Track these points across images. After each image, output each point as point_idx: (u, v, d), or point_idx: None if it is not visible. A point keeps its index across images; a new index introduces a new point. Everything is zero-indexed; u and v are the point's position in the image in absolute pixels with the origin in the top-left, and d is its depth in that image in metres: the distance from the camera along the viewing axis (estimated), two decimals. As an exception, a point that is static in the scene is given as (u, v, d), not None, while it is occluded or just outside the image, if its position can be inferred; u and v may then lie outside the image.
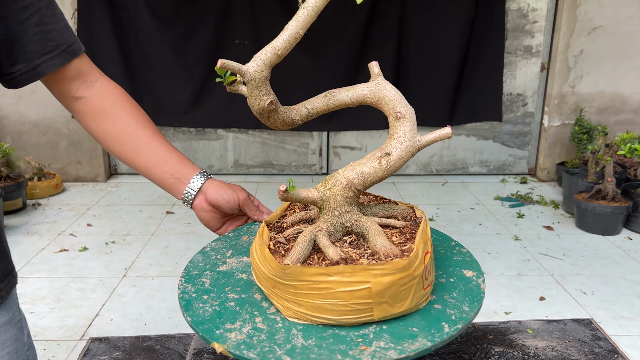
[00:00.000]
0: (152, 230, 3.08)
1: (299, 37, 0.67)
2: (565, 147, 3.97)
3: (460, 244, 0.89)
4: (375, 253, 0.71)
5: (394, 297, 0.67)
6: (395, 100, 0.76)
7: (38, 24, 0.77)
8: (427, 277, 0.71)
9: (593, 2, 3.65)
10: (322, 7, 0.66)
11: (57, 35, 0.80)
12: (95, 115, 0.88)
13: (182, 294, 0.77)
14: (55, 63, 0.80)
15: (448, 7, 3.68)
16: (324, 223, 0.76)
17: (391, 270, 0.65)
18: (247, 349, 0.65)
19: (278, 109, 0.73)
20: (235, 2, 3.60)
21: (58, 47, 0.80)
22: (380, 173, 0.75)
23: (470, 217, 3.32)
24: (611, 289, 2.46)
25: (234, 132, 3.99)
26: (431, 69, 3.81)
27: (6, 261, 0.88)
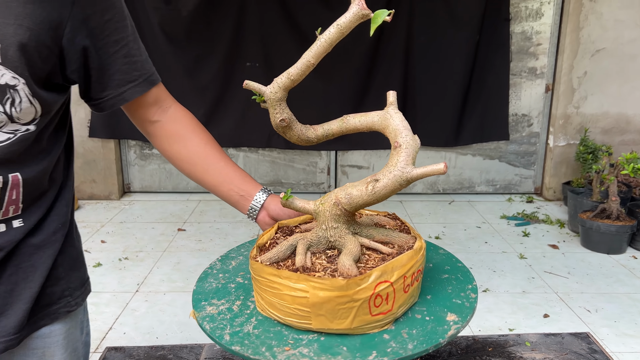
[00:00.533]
0: (164, 246, 3.16)
1: (312, 66, 0.75)
2: (571, 167, 4.02)
3: (470, 278, 0.88)
4: (338, 270, 0.75)
5: (331, 313, 0.72)
6: (397, 130, 0.79)
7: (126, 55, 0.87)
8: (378, 305, 0.72)
9: (596, 25, 3.73)
10: (335, 41, 0.74)
11: (140, 66, 0.90)
12: (168, 138, 0.97)
13: (208, 269, 0.93)
14: (139, 90, 0.90)
15: (453, 30, 3.78)
16: (311, 234, 0.83)
17: (328, 287, 0.71)
18: (208, 321, 0.80)
19: (292, 126, 0.82)
20: (246, 28, 3.72)
21: (141, 76, 0.90)
22: (366, 197, 0.78)
23: (476, 236, 3.36)
24: (615, 306, 2.49)
25: (245, 151, 4.09)
26: (437, 90, 3.89)
27: (83, 270, 0.98)
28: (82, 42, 0.81)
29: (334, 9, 3.70)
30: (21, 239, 0.84)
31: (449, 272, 0.91)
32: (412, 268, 0.76)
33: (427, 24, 3.76)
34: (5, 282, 0.83)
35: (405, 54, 3.82)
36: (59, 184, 0.90)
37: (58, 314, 0.91)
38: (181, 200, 4.01)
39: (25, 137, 0.79)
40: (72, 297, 0.93)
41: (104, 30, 0.83)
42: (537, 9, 3.84)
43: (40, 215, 0.86)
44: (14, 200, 0.81)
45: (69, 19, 0.78)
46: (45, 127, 0.83)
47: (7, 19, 0.73)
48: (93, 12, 0.81)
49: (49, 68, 0.79)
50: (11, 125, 0.77)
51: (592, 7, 3.71)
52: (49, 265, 0.87)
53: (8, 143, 0.78)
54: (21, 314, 0.85)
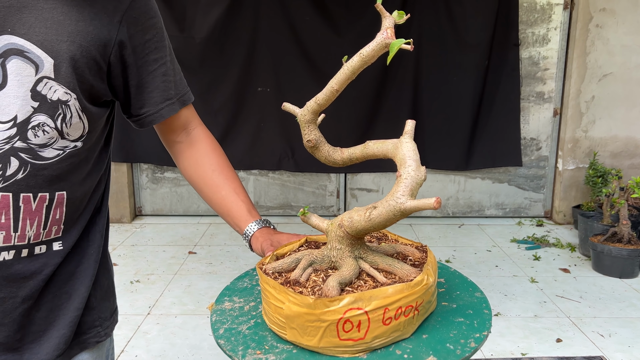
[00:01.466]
0: (175, 269, 3.18)
1: (336, 92, 0.80)
2: (581, 191, 4.02)
3: (485, 326, 0.84)
4: (322, 289, 0.79)
5: (302, 328, 0.75)
6: (403, 160, 0.79)
7: (164, 74, 0.91)
8: (348, 331, 0.73)
9: (602, 50, 3.78)
10: (358, 69, 0.77)
11: (176, 85, 0.94)
12: (185, 160, 1.02)
13: (250, 269, 1.02)
14: (175, 108, 0.95)
15: (462, 56, 3.83)
16: (318, 251, 0.87)
17: (299, 303, 0.74)
18: (217, 314, 0.88)
19: (319, 147, 0.87)
20: (257, 54, 3.80)
21: (177, 95, 0.95)
22: (364, 223, 0.80)
23: (486, 259, 3.35)
24: (629, 331, 2.47)
25: (255, 174, 4.13)
26: (447, 114, 3.93)
27: (113, 300, 1.01)
28: (126, 59, 0.86)
29: (342, 36, 3.78)
30: (59, 264, 0.86)
31: (468, 317, 0.86)
32: (400, 302, 0.75)
33: (436, 48, 3.82)
34: (42, 309, 0.86)
35: (414, 78, 3.87)
36: (96, 209, 0.93)
37: (87, 343, 0.93)
38: (192, 223, 4.04)
39: (73, 153, 0.83)
40: (102, 327, 0.95)
41: (144, 49, 0.88)
42: (544, 35, 3.89)
43: (76, 240, 0.89)
44: (57, 220, 0.84)
45: (116, 37, 0.83)
46: (91, 146, 0.87)
47: (61, 36, 0.77)
48: (136, 31, 0.86)
49: (97, 83, 0.83)
50: (61, 142, 0.81)
51: (598, 33, 3.75)
52: (83, 294, 0.90)
53: (58, 159, 0.81)
54: (55, 341, 0.87)
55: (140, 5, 0.86)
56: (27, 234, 0.81)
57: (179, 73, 0.96)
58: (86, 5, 0.80)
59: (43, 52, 0.76)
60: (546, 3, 3.85)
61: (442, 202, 0.73)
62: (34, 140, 0.78)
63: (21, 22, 0.75)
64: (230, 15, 3.71)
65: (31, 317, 0.85)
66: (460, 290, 0.96)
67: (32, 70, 0.76)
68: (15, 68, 0.75)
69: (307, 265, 0.85)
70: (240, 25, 3.74)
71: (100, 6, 0.82)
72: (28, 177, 0.79)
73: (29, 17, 0.76)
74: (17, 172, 0.78)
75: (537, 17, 3.87)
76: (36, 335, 0.86)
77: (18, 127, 0.77)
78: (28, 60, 0.76)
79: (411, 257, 0.91)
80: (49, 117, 0.78)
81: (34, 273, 0.84)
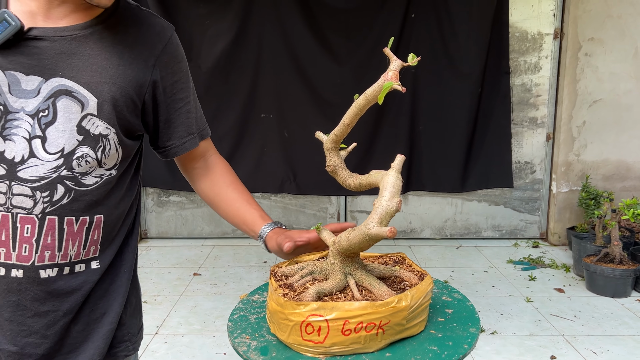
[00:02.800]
0: (180, 290, 3.27)
1: (347, 125, 0.94)
2: (575, 213, 4.13)
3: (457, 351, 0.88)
4: None
5: (277, 323, 0.89)
6: (380, 191, 0.88)
7: (188, 111, 1.04)
8: (309, 333, 0.83)
9: (592, 77, 3.94)
10: (364, 107, 0.89)
11: (197, 121, 1.07)
12: (202, 182, 1.13)
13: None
14: (196, 142, 1.07)
15: (456, 83, 3.99)
16: (319, 263, 0.99)
17: (276, 302, 0.88)
18: (243, 303, 1.04)
19: (337, 172, 1.00)
20: (261, 82, 3.96)
21: (198, 129, 1.07)
22: (345, 244, 0.91)
23: (483, 280, 3.45)
24: (621, 349, 2.55)
25: (257, 197, 4.24)
26: (442, 139, 4.07)
27: (140, 317, 1.11)
28: (157, 98, 0.99)
29: (342, 65, 3.94)
30: (97, 282, 0.97)
31: (442, 347, 0.90)
32: (361, 317, 0.83)
33: (431, 76, 3.97)
34: (80, 322, 0.96)
35: (411, 105, 4.02)
36: (128, 231, 1.04)
37: (117, 357, 1.03)
38: (196, 245, 4.14)
39: (108, 180, 0.94)
40: (130, 342, 1.05)
41: (173, 89, 1.00)
42: (536, 63, 4.06)
43: (111, 260, 1.00)
44: (95, 241, 0.95)
45: (150, 78, 0.96)
46: (123, 173, 0.98)
47: (104, 78, 0.90)
48: (167, 73, 0.99)
49: (133, 119, 0.95)
50: (98, 170, 0.92)
51: (587, 61, 3.92)
52: (116, 309, 1.00)
53: (96, 186, 0.93)
54: (90, 352, 0.97)
55: (170, 51, 0.99)
56: (69, 253, 0.92)
57: (199, 110, 1.09)
58: (125, 51, 0.93)
59: (88, 93, 0.88)
60: (537, 33, 4.02)
61: (396, 232, 0.83)
62: (77, 169, 0.89)
63: (70, 66, 0.88)
64: (235, 46, 3.88)
65: (70, 331, 0.95)
66: (458, 323, 0.99)
67: (79, 108, 0.88)
68: (64, 106, 0.87)
69: (307, 274, 0.96)
70: (245, 55, 3.91)
71: (137, 52, 0.94)
72: (72, 202, 0.90)
73: (77, 62, 0.88)
74: (62, 197, 0.89)
75: (529, 46, 4.04)
76: (73, 347, 0.96)
77: (65, 158, 0.88)
78: (75, 99, 0.88)
79: (407, 282, 0.99)
80: (91, 149, 0.90)
81: (74, 289, 0.94)
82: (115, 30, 0.93)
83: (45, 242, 0.89)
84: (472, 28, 3.92)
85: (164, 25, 1.00)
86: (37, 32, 0.86)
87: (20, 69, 0.86)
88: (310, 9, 3.88)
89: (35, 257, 0.89)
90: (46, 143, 0.87)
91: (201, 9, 3.84)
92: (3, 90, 0.85)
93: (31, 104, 0.86)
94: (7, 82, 0.85)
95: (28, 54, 0.86)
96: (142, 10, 0.99)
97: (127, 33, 0.94)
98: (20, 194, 0.87)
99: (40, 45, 0.86)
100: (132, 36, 0.94)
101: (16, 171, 0.87)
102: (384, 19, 3.90)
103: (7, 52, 0.85)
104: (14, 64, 0.85)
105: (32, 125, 0.86)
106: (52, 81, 0.87)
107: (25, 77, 0.86)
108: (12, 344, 0.91)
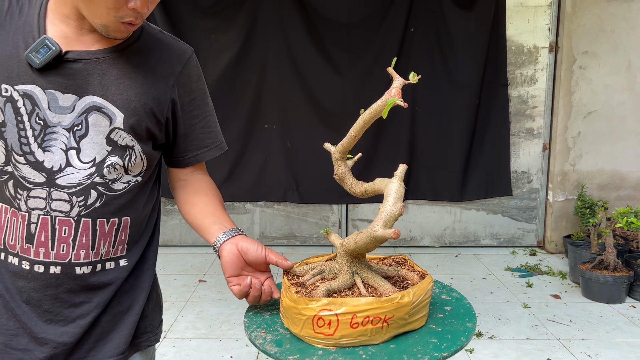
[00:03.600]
0: (187, 297, 3.35)
1: (354, 137, 1.03)
2: (571, 221, 4.22)
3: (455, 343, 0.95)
4: None
5: (290, 317, 0.97)
6: (385, 197, 0.96)
7: (203, 126, 1.13)
8: (321, 326, 0.91)
9: (586, 89, 4.05)
10: (369, 120, 0.99)
11: (213, 135, 1.15)
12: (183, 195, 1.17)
13: None
14: (209, 155, 1.15)
15: (455, 95, 4.11)
16: (328, 263, 1.08)
17: (289, 298, 0.97)
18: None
19: (345, 180, 1.10)
20: (265, 94, 4.08)
21: (212, 144, 1.16)
22: (352, 245, 1.00)
23: (482, 287, 3.54)
24: (615, 352, 2.64)
25: (261, 206, 4.34)
26: (441, 150, 4.18)
27: (160, 312, 1.21)
28: (176, 113, 1.09)
29: (344, 76, 4.05)
30: (125, 278, 1.07)
31: (441, 340, 0.97)
32: (368, 312, 0.91)
33: (431, 89, 4.09)
34: (108, 314, 1.06)
35: (411, 116, 4.13)
36: (151, 232, 1.14)
37: (140, 346, 1.13)
38: (200, 253, 4.23)
39: (135, 186, 1.05)
40: (152, 333, 1.15)
41: (190, 106, 1.10)
42: (532, 75, 4.18)
43: (137, 258, 1.10)
44: (122, 240, 1.05)
45: (170, 96, 1.06)
46: (147, 180, 1.08)
47: (130, 96, 1.00)
48: (184, 92, 1.09)
49: (156, 132, 1.05)
50: (126, 177, 1.02)
51: (582, 74, 4.03)
52: (140, 303, 1.10)
53: (124, 191, 1.03)
54: (116, 342, 1.06)
55: (188, 72, 1.09)
56: (101, 252, 1.02)
57: (217, 125, 1.17)
58: (149, 72, 1.03)
59: (116, 109, 0.99)
60: (533, 46, 4.14)
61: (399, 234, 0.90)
62: (108, 176, 1.00)
63: (100, 85, 0.98)
64: (239, 58, 4.00)
65: (99, 321, 1.05)
66: (456, 319, 1.06)
67: (107, 122, 0.98)
68: (95, 121, 0.97)
69: (317, 274, 1.06)
70: (249, 67, 4.02)
71: (159, 73, 1.05)
72: (103, 206, 1.00)
73: (106, 81, 0.98)
74: (95, 201, 0.99)
75: (525, 59, 4.16)
76: (101, 336, 1.06)
77: (96, 166, 0.98)
78: (104, 114, 0.98)
79: (409, 280, 1.08)
80: (119, 157, 1.00)
81: (106, 284, 1.04)
82: (140, 54, 1.03)
83: (80, 242, 0.99)
84: (470, 42, 4.04)
85: (183, 48, 1.10)
86: (73, 55, 0.96)
87: (58, 88, 0.96)
88: (312, 23, 4.01)
89: (72, 255, 0.99)
90: (80, 153, 0.97)
91: (207, 23, 3.97)
92: (43, 107, 0.95)
93: (67, 119, 0.96)
94: (47, 100, 0.95)
95: (65, 75, 0.96)
96: (164, 35, 1.10)
97: (150, 56, 1.04)
98: (58, 199, 0.97)
99: (75, 67, 0.96)
100: (155, 58, 1.05)
101: (55, 179, 0.97)
102: (384, 33, 4.02)
103: (46, 73, 0.95)
104: (53, 84, 0.95)
105: (68, 137, 0.97)
106: (85, 99, 0.97)
107: (62, 95, 0.96)
108: (50, 332, 1.01)
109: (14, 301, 1.01)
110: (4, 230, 1.00)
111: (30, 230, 0.98)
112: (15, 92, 0.95)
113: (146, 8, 0.93)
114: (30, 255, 0.99)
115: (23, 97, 0.95)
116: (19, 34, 0.96)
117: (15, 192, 0.98)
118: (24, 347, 1.01)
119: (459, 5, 4.01)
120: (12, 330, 1.01)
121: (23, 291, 1.00)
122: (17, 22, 0.97)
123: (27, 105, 0.95)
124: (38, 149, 0.96)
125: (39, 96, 0.95)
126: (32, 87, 0.95)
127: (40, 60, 0.93)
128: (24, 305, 1.00)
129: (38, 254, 0.98)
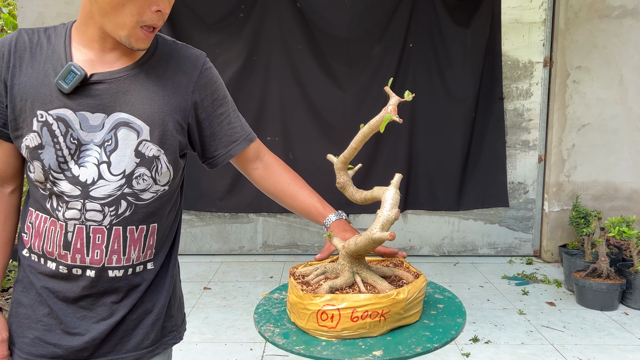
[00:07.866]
0: (192, 303, 3.45)
1: (354, 149, 1.14)
2: (566, 231, 4.33)
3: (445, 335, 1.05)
4: None
5: (296, 312, 1.08)
6: (382, 203, 1.06)
7: (229, 122, 1.20)
8: (324, 320, 1.01)
9: (580, 103, 4.17)
10: (368, 134, 1.09)
11: (239, 129, 1.22)
12: (264, 181, 1.28)
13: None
14: (241, 147, 1.22)
15: (452, 108, 4.23)
16: (331, 264, 1.18)
17: (295, 294, 1.08)
18: (265, 300, 1.24)
19: (346, 188, 1.20)
20: (267, 107, 4.20)
21: (241, 137, 1.22)
22: (353, 247, 1.10)
23: (479, 294, 3.63)
24: (606, 356, 2.73)
25: (264, 216, 4.44)
26: (439, 161, 4.30)
27: (183, 311, 1.31)
28: (199, 116, 1.16)
29: (345, 90, 4.18)
30: (152, 280, 1.17)
31: (433, 332, 1.08)
32: (367, 307, 1.01)
33: (428, 102, 4.21)
34: (135, 312, 1.15)
35: (409, 128, 4.26)
36: (174, 237, 1.24)
37: (168, 344, 1.22)
38: (204, 262, 4.32)
39: (162, 195, 1.13)
40: (177, 331, 1.24)
41: (212, 107, 1.17)
42: (527, 89, 4.30)
43: (162, 262, 1.19)
44: (150, 246, 1.15)
45: (191, 102, 1.14)
46: (173, 189, 1.17)
47: (153, 109, 1.09)
48: (205, 94, 1.16)
49: (181, 139, 1.14)
50: (154, 187, 1.11)
51: (575, 88, 4.16)
52: (162, 302, 1.19)
53: (152, 200, 1.11)
54: (139, 338, 1.16)
55: (205, 75, 1.17)
56: (131, 257, 1.11)
57: (241, 119, 1.24)
58: (168, 83, 1.12)
59: (142, 122, 1.07)
60: (528, 61, 4.28)
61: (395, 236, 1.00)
62: (136, 187, 1.08)
63: (126, 102, 1.07)
64: (243, 72, 4.13)
65: (125, 319, 1.15)
66: (447, 315, 1.17)
67: (135, 135, 1.07)
68: (124, 135, 1.07)
69: (321, 273, 1.16)
70: (253, 81, 4.16)
71: (178, 82, 1.13)
72: (133, 214, 1.09)
73: (130, 97, 1.08)
74: (125, 210, 1.08)
75: (520, 73, 4.29)
76: (126, 333, 1.15)
77: (126, 178, 1.07)
78: (132, 129, 1.07)
79: (405, 279, 1.18)
80: (147, 169, 1.09)
81: (135, 286, 1.14)
82: (158, 66, 1.12)
83: (112, 248, 1.09)
84: (466, 57, 4.17)
85: (197, 54, 1.19)
86: (97, 77, 1.06)
87: (87, 109, 1.05)
88: (314, 39, 4.15)
89: (105, 260, 1.09)
90: (111, 167, 1.07)
91: (212, 38, 4.10)
92: (76, 127, 1.05)
93: (98, 136, 1.06)
94: (78, 121, 1.05)
95: (92, 96, 1.06)
96: (178, 44, 1.19)
97: (168, 67, 1.13)
98: (92, 209, 1.06)
99: (100, 87, 1.06)
100: (172, 69, 1.13)
101: (89, 191, 1.06)
102: (383, 48, 4.16)
103: (75, 96, 1.05)
104: (82, 106, 1.05)
105: (100, 153, 1.06)
106: (113, 116, 1.06)
107: (92, 115, 1.06)
108: (82, 328, 1.11)
109: (51, 299, 1.11)
110: (43, 238, 1.10)
111: (67, 238, 1.07)
112: (49, 117, 1.04)
113: (169, 9, 1.02)
114: (68, 261, 1.09)
115: (57, 120, 1.04)
116: (49, 63, 1.06)
117: (57, 205, 1.08)
118: (56, 341, 1.11)
119: (456, 22, 4.15)
120: (46, 325, 1.11)
121: (60, 291, 1.10)
122: (47, 52, 1.07)
123: (61, 128, 1.04)
124: (75, 165, 1.06)
125: (71, 118, 1.05)
126: (64, 111, 1.04)
127: (68, 86, 1.03)
128: (59, 302, 1.11)
129: (75, 259, 1.08)
